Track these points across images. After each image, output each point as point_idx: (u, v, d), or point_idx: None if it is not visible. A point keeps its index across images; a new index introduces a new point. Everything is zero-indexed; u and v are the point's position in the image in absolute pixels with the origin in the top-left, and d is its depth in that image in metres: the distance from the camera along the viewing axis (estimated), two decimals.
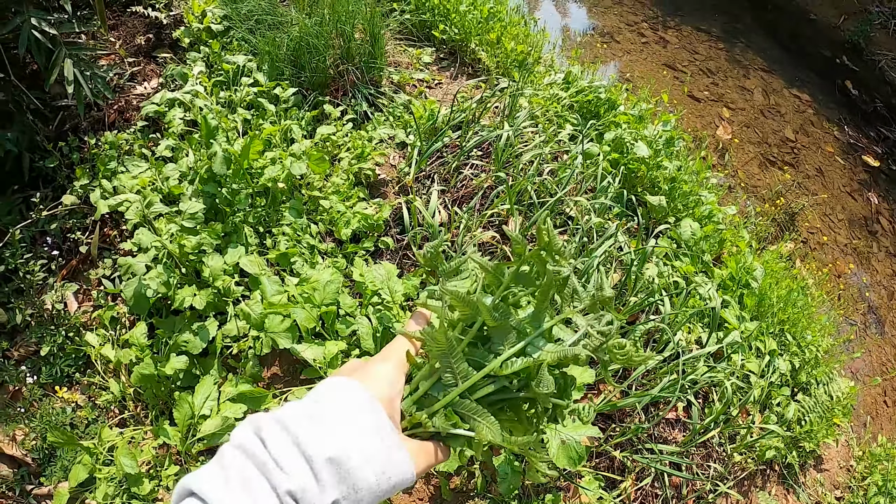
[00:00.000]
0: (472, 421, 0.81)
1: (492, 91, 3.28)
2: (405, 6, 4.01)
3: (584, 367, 2.55)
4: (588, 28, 5.56)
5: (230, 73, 3.31)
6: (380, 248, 2.82)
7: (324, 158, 2.69)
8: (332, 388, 0.74)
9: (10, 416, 2.67)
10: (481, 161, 3.10)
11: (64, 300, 2.87)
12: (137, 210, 2.40)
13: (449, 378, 0.82)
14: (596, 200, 2.98)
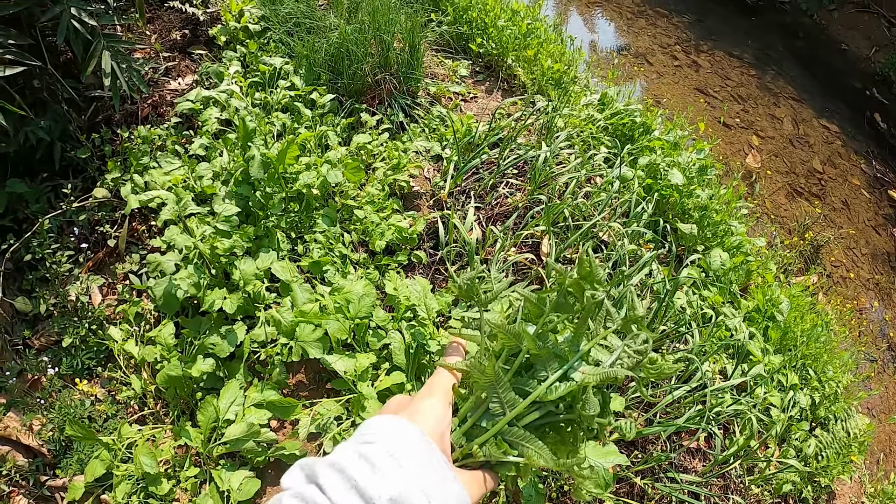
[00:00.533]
0: (521, 447, 0.82)
1: (530, 110, 3.26)
2: (443, 18, 4.00)
3: (614, 395, 2.53)
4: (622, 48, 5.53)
5: (266, 75, 3.30)
6: (411, 262, 2.80)
7: (360, 167, 2.67)
8: (383, 428, 0.73)
9: (28, 405, 2.65)
10: (517, 180, 3.07)
11: (89, 292, 2.85)
12: (173, 210, 2.38)
13: (496, 407, 0.84)
14: (630, 227, 2.95)
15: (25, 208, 3.01)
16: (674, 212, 3.59)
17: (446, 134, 3.21)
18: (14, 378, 2.67)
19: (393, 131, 3.25)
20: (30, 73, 2.96)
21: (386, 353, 2.36)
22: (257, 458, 2.37)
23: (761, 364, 3.35)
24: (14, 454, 2.62)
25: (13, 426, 2.64)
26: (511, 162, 3.03)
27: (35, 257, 2.82)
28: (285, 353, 2.38)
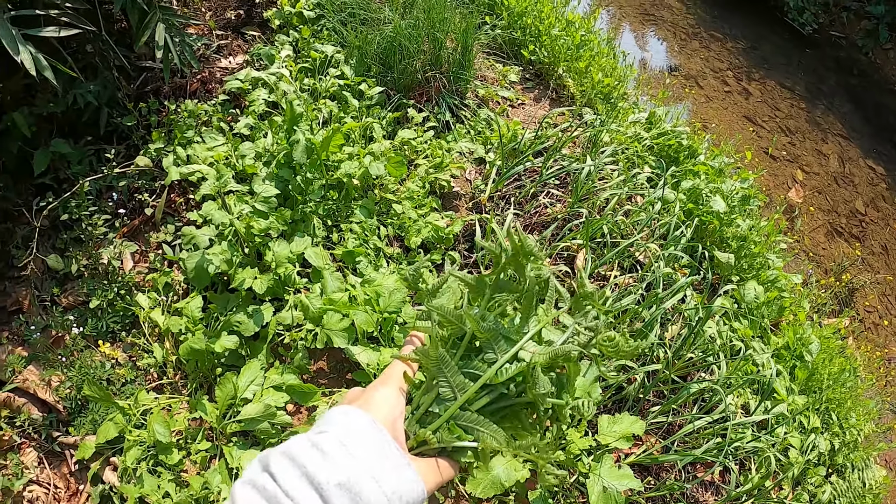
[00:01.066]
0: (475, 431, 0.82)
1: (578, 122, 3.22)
2: (497, 21, 3.98)
3: (635, 419, 2.49)
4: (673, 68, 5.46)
5: (316, 62, 3.30)
6: (444, 262, 2.77)
7: (402, 162, 2.66)
8: (336, 418, 0.75)
9: (49, 361, 2.67)
10: (558, 190, 3.03)
11: (121, 257, 2.88)
12: (213, 185, 2.39)
13: (447, 392, 0.84)
14: (667, 250, 2.90)
15: (67, 169, 3.05)
16: (712, 239, 3.53)
17: (491, 138, 3.19)
18: (38, 333, 2.70)
19: (438, 130, 3.23)
20: (84, 38, 3.00)
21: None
22: (270, 440, 2.36)
23: (785, 403, 3.28)
24: (30, 407, 2.65)
25: (32, 380, 2.66)
26: (554, 172, 3.00)
27: (72, 217, 2.85)
28: (309, 338, 2.37)
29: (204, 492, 2.29)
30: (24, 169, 3.12)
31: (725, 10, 6.41)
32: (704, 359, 2.95)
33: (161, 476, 2.38)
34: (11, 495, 2.48)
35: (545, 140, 3.12)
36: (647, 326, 2.66)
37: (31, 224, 3.01)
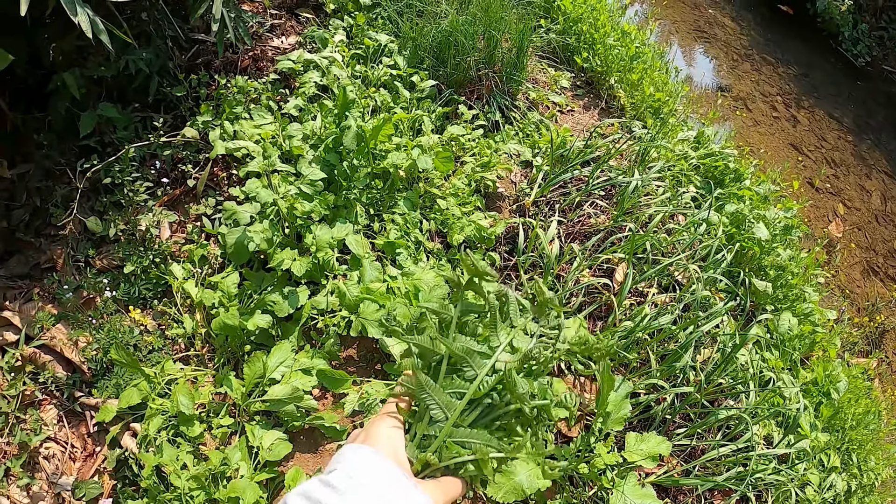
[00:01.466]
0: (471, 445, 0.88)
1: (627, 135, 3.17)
2: (552, 25, 3.93)
3: (662, 439, 2.45)
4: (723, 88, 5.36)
5: (369, 50, 3.28)
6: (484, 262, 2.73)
7: (450, 158, 2.63)
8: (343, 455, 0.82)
9: (78, 321, 2.67)
10: (603, 201, 2.98)
11: (159, 226, 2.87)
12: (261, 163, 2.38)
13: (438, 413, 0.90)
14: (706, 272, 2.84)
15: (112, 133, 3.06)
16: (750, 265, 3.47)
17: (539, 142, 3.15)
18: (71, 293, 2.70)
19: (487, 129, 3.20)
20: (140, 5, 3.01)
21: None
22: (294, 423, 2.34)
23: (808, 439, 3.23)
24: (55, 365, 2.65)
25: (60, 338, 2.67)
26: (601, 183, 2.95)
27: (114, 182, 2.85)
28: (342, 325, 2.35)
29: (222, 467, 2.28)
30: (70, 130, 3.14)
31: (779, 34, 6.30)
32: (734, 386, 2.89)
33: (180, 447, 2.37)
34: (28, 450, 2.49)
35: (594, 150, 3.07)
36: (683, 348, 2.61)
37: (71, 184, 3.02)
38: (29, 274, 2.92)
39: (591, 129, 3.26)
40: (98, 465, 2.53)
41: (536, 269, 2.78)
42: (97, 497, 2.46)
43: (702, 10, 6.19)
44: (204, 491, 2.25)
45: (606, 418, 2.34)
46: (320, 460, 2.42)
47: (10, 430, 2.52)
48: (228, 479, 2.32)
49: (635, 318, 2.55)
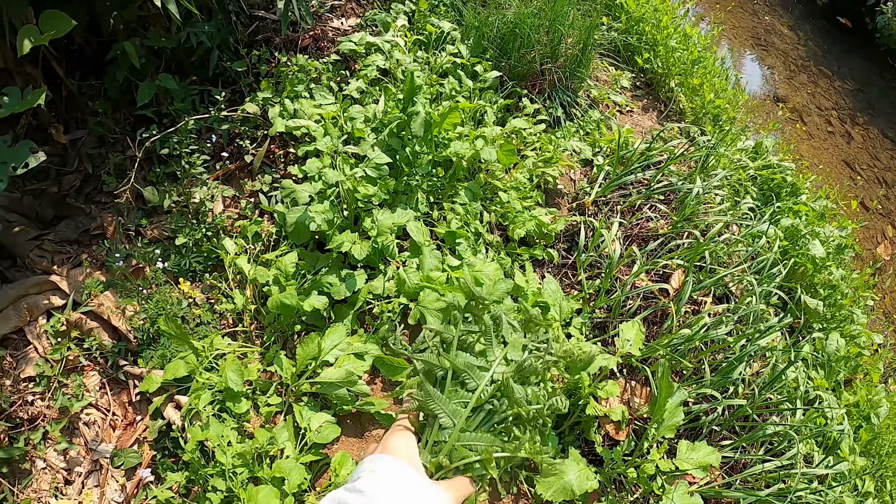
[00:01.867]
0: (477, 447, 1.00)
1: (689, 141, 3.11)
2: (614, 23, 3.87)
3: (712, 450, 2.40)
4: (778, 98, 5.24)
5: (432, 36, 3.24)
6: (540, 259, 2.69)
7: (513, 151, 2.59)
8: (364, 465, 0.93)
9: (127, 289, 2.66)
10: (662, 205, 2.93)
11: (213, 199, 2.86)
12: (328, 144, 2.35)
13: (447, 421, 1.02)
14: (761, 285, 2.78)
15: (170, 105, 3.05)
16: (802, 282, 3.40)
17: (600, 141, 3.09)
18: (121, 261, 2.69)
19: (548, 124, 3.15)
20: None
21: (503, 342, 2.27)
22: (343, 406, 2.31)
23: (847, 462, 3.18)
24: (100, 332, 2.64)
25: (107, 306, 2.66)
26: (662, 188, 2.90)
27: (171, 153, 2.84)
28: (397, 311, 2.32)
29: (269, 446, 2.25)
30: (126, 99, 3.13)
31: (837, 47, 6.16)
32: (783, 402, 2.84)
33: (225, 423, 2.35)
34: (68, 415, 2.48)
35: (656, 154, 3.02)
36: (738, 360, 2.56)
37: (125, 153, 3.02)
38: (78, 239, 2.92)
39: (651, 131, 3.20)
40: (138, 434, 2.52)
41: (594, 269, 2.73)
42: (135, 466, 2.45)
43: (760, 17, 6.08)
44: (248, 469, 2.23)
45: (660, 424, 2.30)
46: (365, 446, 2.39)
47: (51, 395, 2.52)
48: (272, 458, 2.30)
49: (693, 327, 2.50)
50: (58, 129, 2.93)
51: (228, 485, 2.18)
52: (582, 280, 2.60)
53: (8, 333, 2.61)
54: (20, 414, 2.45)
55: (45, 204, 2.97)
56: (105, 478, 2.40)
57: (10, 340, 2.61)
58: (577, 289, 2.66)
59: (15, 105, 2.45)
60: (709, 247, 2.68)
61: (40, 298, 2.67)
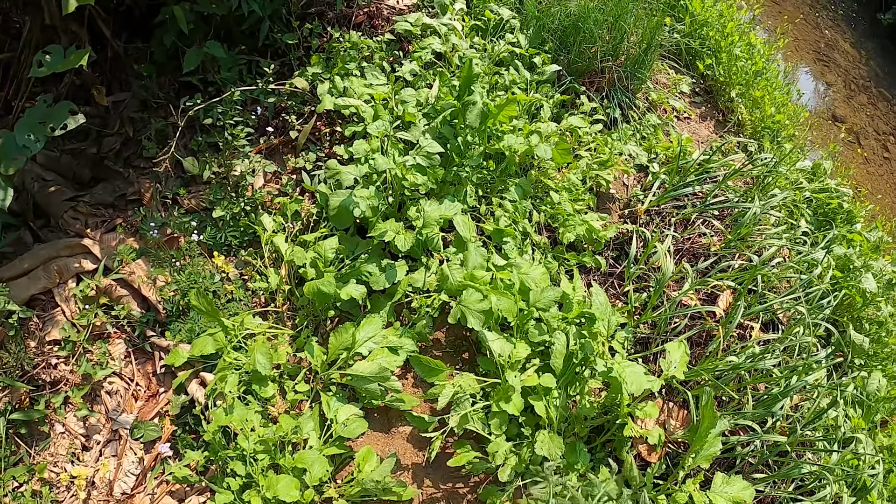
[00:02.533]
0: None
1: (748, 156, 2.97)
2: (678, 25, 3.72)
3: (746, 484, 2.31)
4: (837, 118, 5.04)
5: (490, 23, 3.13)
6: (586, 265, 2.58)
7: (569, 151, 2.48)
8: None
9: (159, 259, 2.60)
10: (716, 221, 2.80)
11: (254, 173, 2.78)
12: (380, 127, 2.25)
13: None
14: (812, 316, 2.65)
15: (216, 73, 2.97)
16: (849, 314, 3.26)
17: (656, 147, 2.97)
18: (156, 230, 2.63)
19: (605, 125, 3.03)
20: None
21: (541, 349, 2.18)
22: (372, 400, 2.24)
23: None
24: (130, 301, 2.59)
25: (139, 274, 2.61)
26: (718, 204, 2.77)
27: (214, 123, 2.77)
28: (436, 307, 2.23)
29: (293, 435, 2.19)
30: (172, 64, 3.06)
31: None
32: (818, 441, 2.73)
33: (249, 405, 2.29)
34: (91, 382, 2.44)
35: (714, 167, 2.88)
36: (783, 394, 2.44)
37: (167, 119, 2.95)
38: (113, 203, 2.87)
39: (709, 141, 3.07)
40: (160, 407, 2.47)
41: (641, 281, 2.62)
42: (155, 440, 2.40)
43: (822, 31, 5.86)
44: (269, 455, 2.17)
45: (698, 454, 2.20)
46: (391, 442, 2.32)
47: (76, 360, 2.47)
48: (294, 446, 2.24)
49: (740, 355, 2.38)
50: (100, 91, 2.86)
51: (248, 470, 2.12)
52: (629, 292, 2.49)
53: (36, 294, 2.57)
54: (43, 376, 2.41)
55: (82, 164, 2.92)
56: (123, 448, 2.36)
57: (38, 301, 2.57)
58: (621, 300, 2.55)
59: (57, 64, 2.39)
60: (762, 271, 2.56)
61: (71, 261, 2.62)
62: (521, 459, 2.08)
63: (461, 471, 2.24)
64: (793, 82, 4.21)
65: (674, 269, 2.45)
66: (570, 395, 2.09)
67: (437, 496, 2.25)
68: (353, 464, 2.24)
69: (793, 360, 2.66)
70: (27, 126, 2.37)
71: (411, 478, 2.28)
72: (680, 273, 2.55)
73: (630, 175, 2.94)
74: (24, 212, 2.76)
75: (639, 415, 2.24)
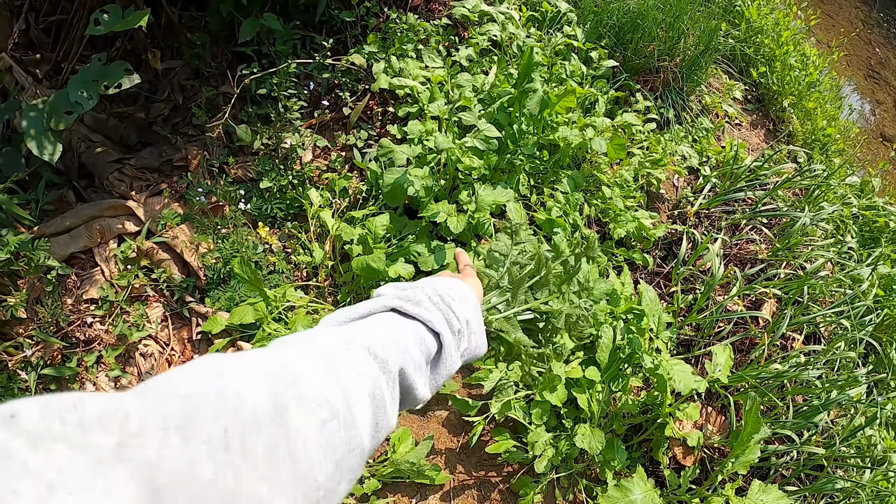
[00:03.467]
0: (513, 331, 1.11)
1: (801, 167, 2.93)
2: (733, 30, 3.67)
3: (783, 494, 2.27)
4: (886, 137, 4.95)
5: (547, 15, 3.11)
6: (634, 262, 2.56)
7: (623, 146, 2.45)
8: (458, 285, 0.91)
9: (203, 226, 2.61)
10: (765, 228, 2.77)
11: (304, 147, 2.78)
12: (441, 107, 2.24)
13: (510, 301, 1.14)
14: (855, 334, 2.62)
15: (271, 45, 2.97)
16: (888, 335, 3.21)
17: (708, 150, 2.94)
18: (202, 197, 2.64)
19: (658, 124, 3.00)
20: None
21: (586, 343, 2.16)
22: None
23: None
24: (171, 265, 2.60)
25: (182, 239, 2.61)
26: (768, 212, 2.74)
27: (269, 94, 2.77)
28: None
29: None
30: (225, 35, 3.07)
31: None
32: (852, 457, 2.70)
33: None
34: (126, 343, 2.44)
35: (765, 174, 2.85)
36: (824, 406, 2.41)
37: (218, 88, 2.96)
38: (159, 168, 2.87)
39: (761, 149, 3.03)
40: None
41: (687, 283, 2.59)
42: None
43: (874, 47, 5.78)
44: None
45: (737, 459, 2.17)
46: (427, 425, 2.31)
47: (112, 320, 2.48)
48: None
49: (783, 363, 2.36)
50: (154, 55, 2.87)
51: None
52: (676, 293, 2.46)
53: (76, 252, 2.57)
54: (77, 334, 2.41)
55: (130, 128, 2.93)
56: None
57: (78, 259, 2.58)
58: (666, 300, 2.53)
59: (115, 23, 2.38)
60: (809, 282, 2.52)
61: (114, 222, 2.63)
62: (558, 451, 2.07)
63: (495, 459, 2.23)
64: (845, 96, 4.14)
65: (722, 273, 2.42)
66: (612, 390, 2.07)
67: (469, 483, 2.25)
68: (387, 444, 2.23)
69: (833, 374, 2.63)
70: (80, 83, 2.37)
71: (444, 463, 2.27)
72: (726, 278, 2.52)
73: (681, 176, 2.91)
74: (68, 171, 2.77)
75: (679, 416, 2.22)
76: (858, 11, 6.14)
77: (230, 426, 0.41)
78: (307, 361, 0.56)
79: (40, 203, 2.61)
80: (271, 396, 0.47)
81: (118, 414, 0.35)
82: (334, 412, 0.53)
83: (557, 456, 2.09)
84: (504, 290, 1.16)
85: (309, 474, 0.47)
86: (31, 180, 2.65)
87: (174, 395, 0.41)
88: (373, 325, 0.72)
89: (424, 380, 0.74)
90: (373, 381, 0.62)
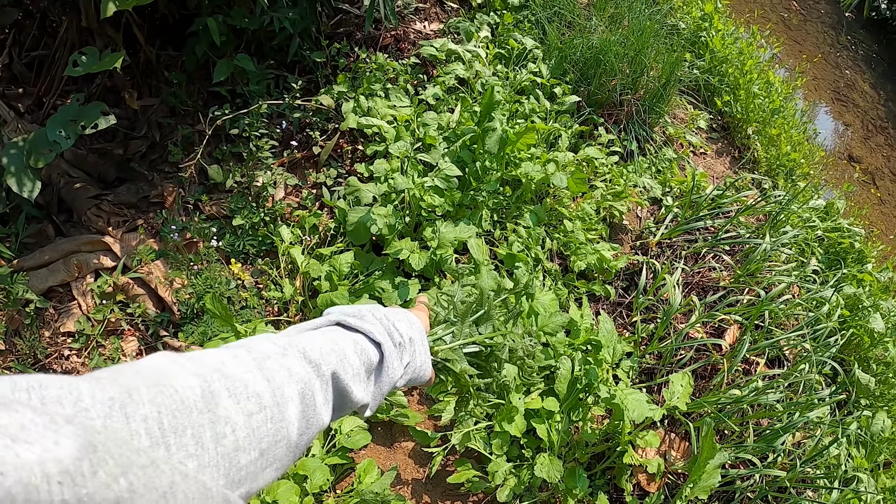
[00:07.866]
0: (458, 362, 1.14)
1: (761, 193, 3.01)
2: (698, 61, 3.77)
3: None
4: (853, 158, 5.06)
5: (513, 52, 3.20)
6: (595, 294, 2.63)
7: (584, 180, 2.53)
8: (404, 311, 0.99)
9: (178, 262, 2.67)
10: (727, 256, 2.84)
11: (275, 185, 2.85)
12: (401, 148, 2.32)
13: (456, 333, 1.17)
14: (817, 355, 2.67)
15: (245, 85, 3.06)
16: (855, 354, 3.27)
17: (671, 181, 3.01)
18: (176, 233, 2.70)
19: (621, 156, 3.08)
20: None
21: (546, 375, 2.22)
22: (378, 414, 2.29)
23: None
24: (146, 300, 2.66)
25: (156, 275, 2.67)
26: (729, 240, 2.81)
27: (240, 133, 2.85)
28: None
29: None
30: (202, 74, 3.15)
31: None
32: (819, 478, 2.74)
33: None
34: None
35: (727, 202, 2.93)
36: (784, 429, 2.46)
37: (194, 126, 3.04)
38: (136, 204, 2.94)
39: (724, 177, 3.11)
40: None
41: (649, 312, 2.65)
42: None
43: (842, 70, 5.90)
44: None
45: (696, 484, 2.22)
46: (393, 456, 2.35)
47: (88, 353, 2.53)
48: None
49: (744, 388, 2.41)
50: (131, 95, 2.96)
51: None
52: (637, 322, 2.53)
53: (54, 286, 2.63)
54: (54, 367, 2.47)
55: (108, 164, 3.00)
56: None
57: (56, 293, 2.64)
58: (629, 330, 2.59)
59: (92, 65, 2.47)
60: (769, 307, 2.59)
61: (91, 257, 2.69)
62: (520, 481, 2.12)
63: (460, 489, 2.27)
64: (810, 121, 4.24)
65: (682, 302, 2.48)
66: (572, 419, 2.13)
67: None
68: (353, 475, 2.28)
69: (797, 397, 2.67)
70: (59, 122, 2.45)
71: (410, 493, 2.32)
72: (688, 306, 2.58)
73: (644, 207, 2.98)
74: (48, 205, 2.84)
75: (640, 443, 2.27)
76: (825, 36, 6.28)
77: (164, 410, 0.50)
78: (240, 361, 0.63)
79: (20, 236, 2.67)
80: (203, 388, 0.55)
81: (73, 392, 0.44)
82: (262, 405, 0.60)
83: (520, 485, 2.13)
84: (450, 323, 1.21)
85: (233, 456, 0.55)
86: (12, 213, 2.71)
87: (121, 381, 0.50)
88: (314, 334, 0.79)
89: (362, 385, 0.80)
90: (304, 382, 0.68)
